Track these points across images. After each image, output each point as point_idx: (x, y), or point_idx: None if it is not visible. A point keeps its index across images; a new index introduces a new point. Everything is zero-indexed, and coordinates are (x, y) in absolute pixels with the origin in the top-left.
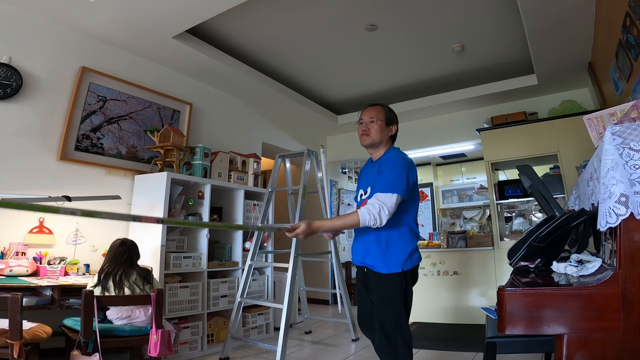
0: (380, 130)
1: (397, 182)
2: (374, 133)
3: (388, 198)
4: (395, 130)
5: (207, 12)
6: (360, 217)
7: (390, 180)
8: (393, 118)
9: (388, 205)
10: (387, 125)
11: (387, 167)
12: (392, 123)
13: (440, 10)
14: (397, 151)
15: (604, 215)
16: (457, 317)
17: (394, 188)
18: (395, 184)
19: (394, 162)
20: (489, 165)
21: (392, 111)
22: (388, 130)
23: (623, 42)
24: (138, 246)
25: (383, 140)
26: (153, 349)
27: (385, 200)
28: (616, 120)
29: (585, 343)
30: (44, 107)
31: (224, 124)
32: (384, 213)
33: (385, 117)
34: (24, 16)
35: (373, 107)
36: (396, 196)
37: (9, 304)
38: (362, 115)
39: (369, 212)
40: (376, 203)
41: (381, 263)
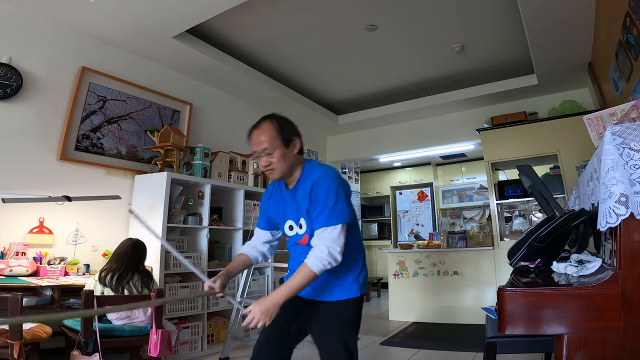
0: (284, 158)
1: (338, 209)
2: (278, 165)
3: (336, 233)
4: (299, 144)
5: (207, 12)
6: (314, 269)
7: (331, 209)
8: (290, 131)
9: (338, 241)
10: (287, 146)
11: (321, 193)
12: (292, 138)
13: (440, 10)
14: (321, 168)
15: (604, 215)
16: (457, 317)
17: (338, 218)
18: (337, 213)
19: (326, 184)
20: (489, 165)
21: (286, 122)
22: (292, 149)
23: (623, 42)
24: (147, 249)
25: (293, 165)
26: (153, 349)
27: (333, 236)
28: (616, 120)
29: (585, 343)
30: (44, 107)
31: (224, 124)
32: (336, 251)
33: (280, 139)
34: (24, 16)
35: (259, 128)
36: (341, 226)
37: (9, 304)
38: (253, 144)
39: (320, 259)
40: (323, 244)
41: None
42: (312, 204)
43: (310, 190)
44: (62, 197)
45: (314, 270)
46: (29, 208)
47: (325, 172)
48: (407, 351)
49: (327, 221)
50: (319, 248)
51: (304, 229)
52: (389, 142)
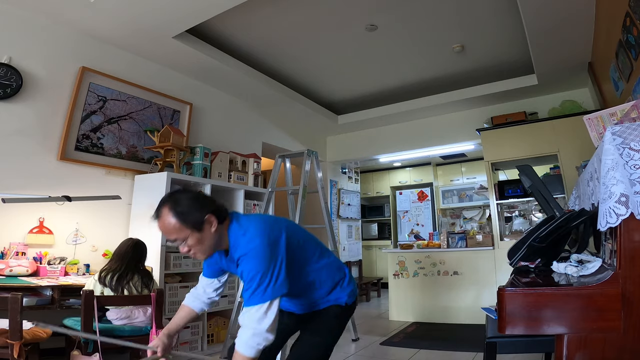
0: (201, 242)
1: (263, 287)
2: (200, 249)
3: (261, 312)
4: (214, 218)
5: (207, 12)
6: (246, 354)
7: (256, 288)
8: (196, 212)
9: (264, 321)
10: (200, 230)
11: (245, 270)
12: (202, 219)
13: (440, 10)
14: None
15: (604, 215)
16: (457, 317)
17: (264, 297)
18: (262, 291)
19: (251, 259)
20: (489, 165)
21: (188, 204)
22: (207, 230)
23: (623, 42)
24: (147, 249)
25: (217, 241)
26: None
27: (258, 316)
28: (616, 120)
29: (585, 343)
30: (44, 107)
31: (224, 124)
32: (268, 332)
33: (189, 226)
34: (24, 16)
35: (161, 221)
36: (268, 305)
37: (9, 304)
38: (161, 232)
39: (247, 343)
40: (248, 327)
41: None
42: (242, 277)
43: (236, 265)
44: (62, 197)
45: (247, 355)
46: (29, 208)
47: (249, 241)
48: (407, 351)
49: (252, 300)
50: (244, 330)
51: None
52: (389, 142)
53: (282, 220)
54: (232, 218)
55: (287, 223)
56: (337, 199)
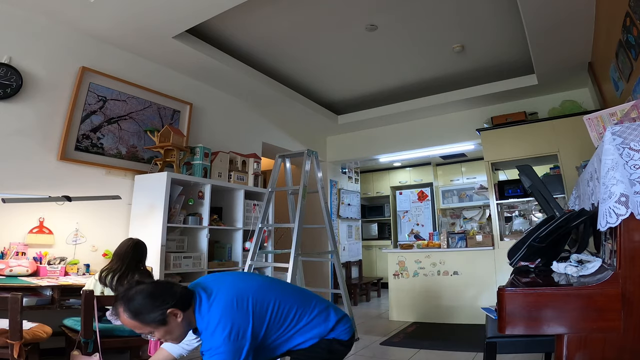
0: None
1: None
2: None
3: None
4: (178, 311)
5: (207, 12)
6: None
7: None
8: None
9: None
10: (164, 324)
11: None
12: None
13: (440, 10)
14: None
15: (604, 215)
16: (457, 317)
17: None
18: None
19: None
20: (489, 165)
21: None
22: (172, 322)
23: (623, 42)
24: (147, 249)
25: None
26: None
27: None
28: (616, 120)
29: (585, 343)
30: (44, 107)
31: (224, 124)
32: None
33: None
34: (24, 16)
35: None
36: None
37: (9, 304)
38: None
39: None
40: None
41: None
42: None
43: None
44: (62, 197)
45: None
46: (29, 208)
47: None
48: (407, 351)
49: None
50: None
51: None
52: (389, 142)
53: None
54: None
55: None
56: (337, 199)
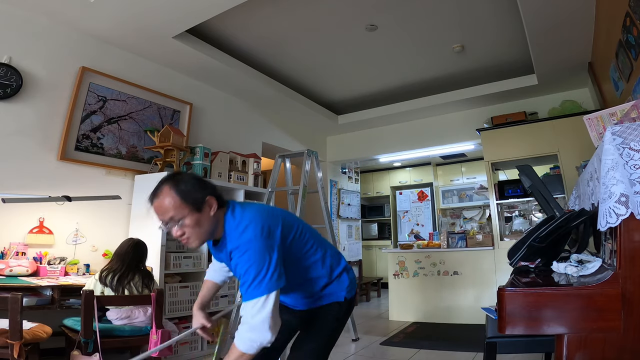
0: (199, 225)
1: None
2: (194, 235)
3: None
4: (214, 201)
5: (207, 12)
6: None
7: (251, 282)
8: (197, 192)
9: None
10: (200, 210)
11: (240, 264)
12: (203, 199)
13: (440, 10)
14: (237, 226)
15: (604, 215)
16: (457, 317)
17: (258, 290)
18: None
19: (244, 254)
20: (489, 165)
21: (190, 182)
22: (206, 212)
23: (623, 42)
24: (147, 249)
25: (213, 228)
26: (153, 348)
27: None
28: (616, 120)
29: (585, 343)
30: (44, 107)
31: (224, 124)
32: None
33: (188, 205)
34: (24, 16)
35: (160, 199)
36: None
37: (9, 304)
38: (156, 213)
39: (245, 339)
40: (245, 322)
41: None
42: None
43: (229, 257)
44: (62, 197)
45: (244, 352)
46: (29, 208)
47: (241, 234)
48: (407, 351)
49: (247, 295)
50: (243, 326)
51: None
52: (389, 142)
53: (279, 211)
54: (228, 207)
55: (283, 214)
56: (337, 199)
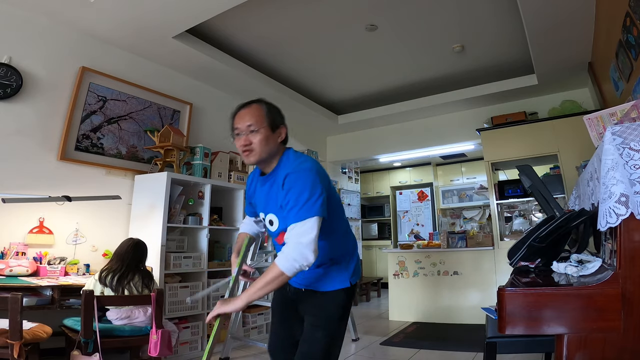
0: (267, 141)
1: (310, 203)
2: (258, 147)
3: (307, 228)
4: (285, 133)
5: (207, 12)
6: (283, 269)
7: (303, 204)
8: (277, 117)
9: (308, 237)
10: (273, 131)
11: (292, 189)
12: (279, 124)
13: (440, 10)
14: (297, 159)
15: (604, 215)
16: (457, 317)
17: (309, 212)
18: (309, 206)
19: (299, 180)
20: (489, 165)
21: (274, 108)
22: (276, 136)
23: (623, 42)
24: (147, 249)
25: (273, 152)
26: (153, 349)
27: (303, 231)
28: (616, 120)
29: (585, 343)
30: (44, 107)
31: (224, 124)
32: (306, 248)
33: (268, 121)
34: (24, 16)
35: (248, 108)
36: (315, 220)
37: (9, 304)
38: (236, 122)
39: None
40: (292, 242)
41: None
42: (285, 198)
43: (282, 183)
44: (62, 197)
45: (283, 271)
46: (29, 208)
47: (301, 163)
48: (407, 351)
49: (298, 216)
50: (288, 246)
51: (275, 225)
52: (389, 142)
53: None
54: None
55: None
56: None
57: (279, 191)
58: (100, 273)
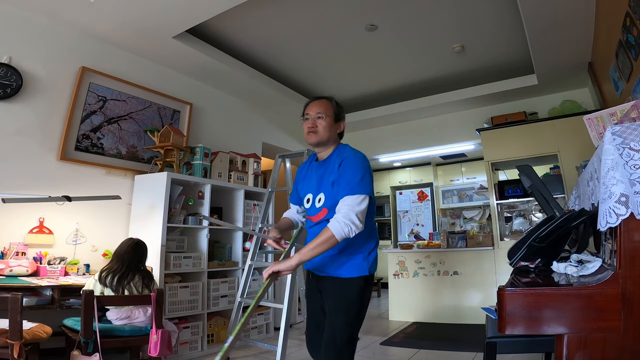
0: (329, 127)
1: (365, 182)
2: (322, 130)
3: (360, 200)
4: (343, 126)
5: (207, 12)
6: (335, 233)
7: (358, 181)
8: (341, 113)
9: (361, 208)
10: (335, 122)
11: (349, 168)
12: (341, 119)
13: (440, 10)
14: (353, 150)
15: (604, 215)
16: (457, 317)
17: (363, 189)
18: (363, 184)
19: (356, 163)
20: (489, 165)
21: (340, 106)
22: (337, 127)
23: (623, 42)
24: (147, 249)
25: (331, 138)
26: (153, 349)
27: (357, 203)
28: (616, 120)
29: (585, 343)
30: (44, 107)
31: (224, 124)
32: (357, 217)
33: (333, 113)
34: (24, 16)
35: (319, 100)
36: (365, 197)
37: (9, 304)
38: (308, 109)
39: (341, 222)
40: (345, 209)
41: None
42: (339, 177)
43: (339, 165)
44: (62, 197)
45: (334, 233)
46: (29, 208)
47: (357, 153)
48: (407, 351)
49: (352, 190)
50: (340, 213)
51: (322, 202)
52: (389, 142)
53: None
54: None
55: None
56: None
57: (332, 172)
58: (100, 273)
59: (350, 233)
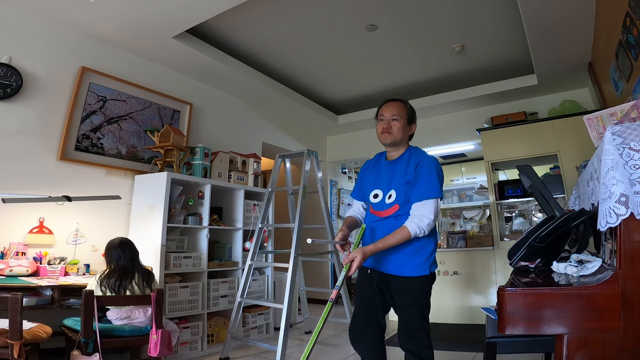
0: (402, 129)
1: (437, 186)
2: (396, 132)
3: (433, 205)
4: (414, 129)
5: (207, 12)
6: (411, 231)
7: (433, 185)
8: (413, 116)
9: (434, 212)
10: (408, 124)
11: (425, 170)
12: (413, 122)
13: (440, 10)
14: (424, 152)
15: (604, 215)
16: (457, 317)
17: (435, 192)
18: (437, 188)
19: (431, 165)
20: (489, 165)
21: (412, 109)
22: (409, 129)
23: (623, 42)
24: (134, 243)
25: (404, 140)
26: (153, 349)
27: (431, 207)
28: (616, 120)
29: (585, 343)
30: (44, 107)
31: (224, 124)
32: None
33: (407, 115)
34: (24, 16)
35: (394, 103)
36: (437, 200)
37: (9, 304)
38: (383, 111)
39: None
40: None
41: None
42: (415, 177)
43: (415, 167)
44: (62, 197)
45: (410, 231)
46: (29, 208)
47: (431, 156)
48: None
49: (429, 193)
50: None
51: (392, 198)
52: None
53: None
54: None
55: None
56: (337, 199)
57: (405, 173)
58: (101, 280)
59: (421, 233)
